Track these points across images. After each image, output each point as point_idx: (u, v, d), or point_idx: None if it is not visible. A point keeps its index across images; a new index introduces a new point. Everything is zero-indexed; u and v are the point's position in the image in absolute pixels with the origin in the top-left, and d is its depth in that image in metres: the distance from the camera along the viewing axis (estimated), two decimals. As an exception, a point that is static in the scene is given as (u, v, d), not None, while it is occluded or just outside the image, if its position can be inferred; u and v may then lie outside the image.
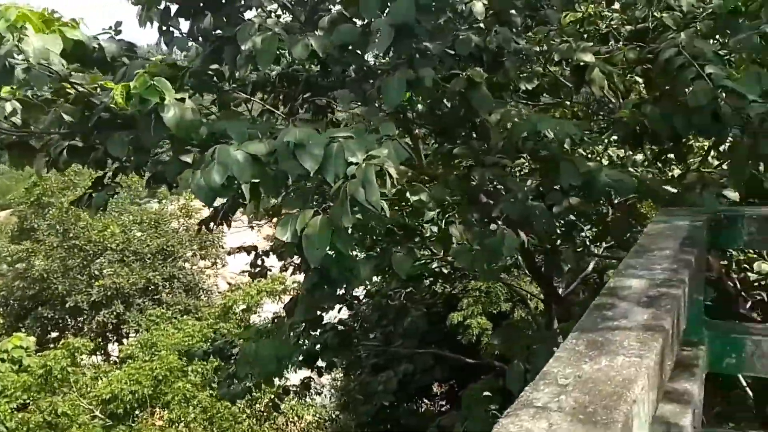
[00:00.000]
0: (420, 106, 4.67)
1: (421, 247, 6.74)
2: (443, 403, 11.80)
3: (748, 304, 5.66)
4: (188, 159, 3.01)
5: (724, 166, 4.30)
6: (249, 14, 3.58)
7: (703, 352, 2.44)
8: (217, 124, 2.58)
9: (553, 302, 4.55)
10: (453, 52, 3.57)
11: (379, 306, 9.38)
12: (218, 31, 3.83)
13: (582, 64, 3.69)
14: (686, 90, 3.04)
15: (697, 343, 2.47)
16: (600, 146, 6.46)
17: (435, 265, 8.13)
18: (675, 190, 3.35)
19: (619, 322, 1.48)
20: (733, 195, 3.01)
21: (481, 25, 4.42)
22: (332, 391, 12.61)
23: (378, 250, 6.21)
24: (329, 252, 2.39)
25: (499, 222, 3.04)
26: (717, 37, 4.48)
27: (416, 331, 9.68)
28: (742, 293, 5.59)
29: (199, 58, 3.39)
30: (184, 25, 4.11)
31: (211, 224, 5.60)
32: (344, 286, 3.17)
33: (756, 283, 6.01)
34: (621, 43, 4.74)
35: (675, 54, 3.05)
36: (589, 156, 6.88)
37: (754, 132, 2.79)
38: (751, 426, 6.17)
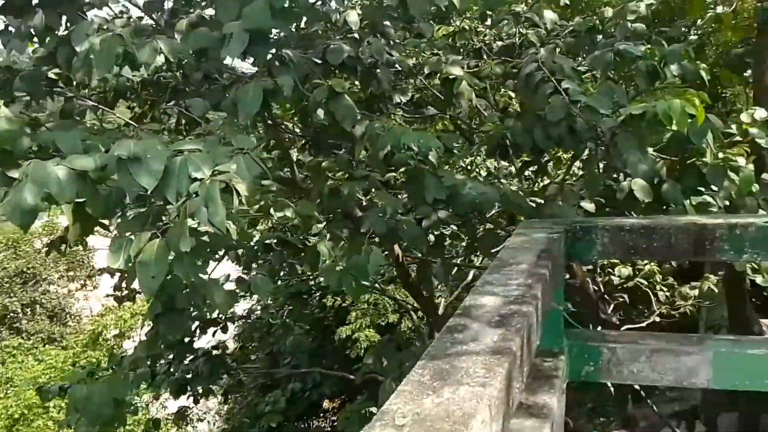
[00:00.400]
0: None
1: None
2: (334, 419, 11.62)
3: (611, 307, 6.05)
4: (17, 174, 2.63)
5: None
6: (94, 13, 3.24)
7: (563, 362, 2.47)
8: (44, 136, 2.26)
9: (430, 315, 4.54)
10: (320, 62, 3.45)
11: (261, 325, 9.05)
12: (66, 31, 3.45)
13: (451, 77, 3.72)
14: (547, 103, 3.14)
15: (558, 353, 2.50)
16: (479, 158, 6.66)
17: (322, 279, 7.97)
18: (540, 202, 3.45)
19: (468, 346, 1.40)
20: (589, 206, 3.13)
21: (356, 35, 4.36)
22: (217, 416, 11.98)
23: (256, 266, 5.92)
24: (181, 277, 2.15)
25: (374, 237, 2.96)
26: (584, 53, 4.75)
27: (302, 348, 9.46)
28: (606, 296, 5.97)
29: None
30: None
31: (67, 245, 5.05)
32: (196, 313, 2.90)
33: (619, 286, 6.44)
34: (492, 58, 4.90)
35: (535, 69, 3.14)
36: (469, 168, 7.09)
37: (606, 145, 2.91)
38: (616, 425, 6.57)
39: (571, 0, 7.07)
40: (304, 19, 4.39)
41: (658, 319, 6.39)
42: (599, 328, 4.55)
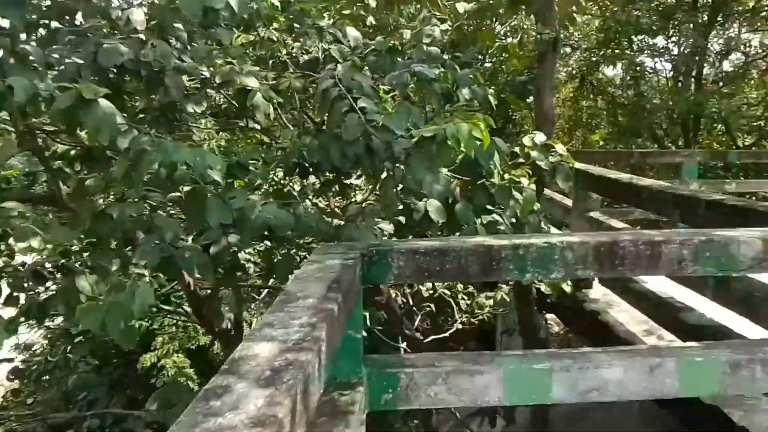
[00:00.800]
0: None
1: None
2: (140, 456, 10.53)
3: (419, 318, 6.23)
4: None
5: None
6: None
7: (361, 393, 2.34)
8: None
9: (228, 347, 4.17)
10: (91, 63, 2.97)
11: (42, 361, 7.88)
12: None
13: (247, 88, 3.46)
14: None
15: (356, 383, 2.36)
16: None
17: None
18: (341, 223, 3.33)
19: (225, 419, 1.15)
20: (387, 227, 3.09)
21: (142, 36, 3.90)
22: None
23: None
24: None
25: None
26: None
27: (91, 385, 8.44)
28: (414, 308, 6.12)
29: None
30: None
31: None
32: None
33: (427, 297, 6.66)
34: (296, 72, 4.72)
35: (331, 85, 3.02)
36: (282, 183, 6.82)
37: (401, 165, 2.88)
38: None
39: (378, 21, 7.24)
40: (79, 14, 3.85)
41: (461, 326, 6.74)
42: (404, 344, 4.59)
